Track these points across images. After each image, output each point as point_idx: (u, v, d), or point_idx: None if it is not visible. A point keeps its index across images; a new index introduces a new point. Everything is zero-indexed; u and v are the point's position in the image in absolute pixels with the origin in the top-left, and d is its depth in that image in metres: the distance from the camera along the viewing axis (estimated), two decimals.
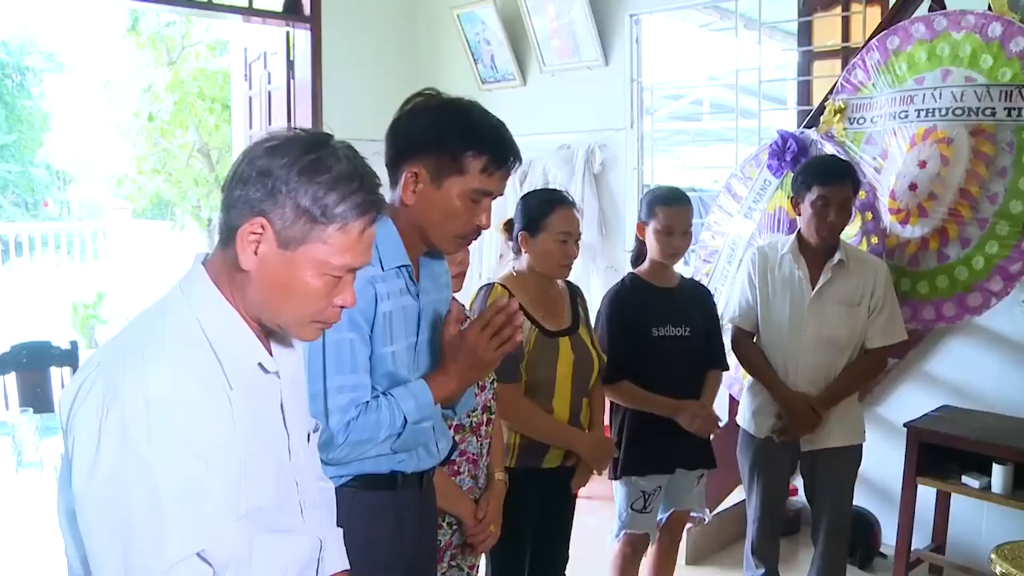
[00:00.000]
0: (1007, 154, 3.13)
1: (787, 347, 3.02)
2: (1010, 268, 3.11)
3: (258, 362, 1.34)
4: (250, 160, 1.28)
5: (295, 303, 1.30)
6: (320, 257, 1.28)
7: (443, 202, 1.77)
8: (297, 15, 5.45)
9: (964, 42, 3.23)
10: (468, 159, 1.75)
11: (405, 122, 1.82)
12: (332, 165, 1.27)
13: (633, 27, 4.98)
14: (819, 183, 2.90)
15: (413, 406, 1.76)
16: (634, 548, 3.05)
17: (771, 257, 3.05)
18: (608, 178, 5.11)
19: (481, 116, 1.80)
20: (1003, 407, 3.68)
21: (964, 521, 3.86)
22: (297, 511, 1.42)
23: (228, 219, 1.29)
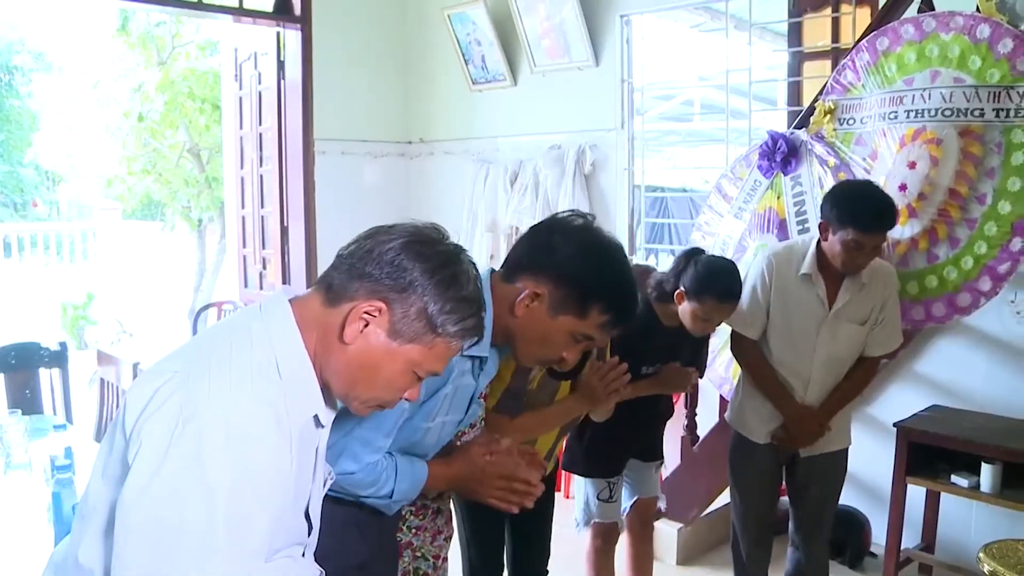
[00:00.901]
0: (995, 155, 3.14)
1: (799, 364, 2.96)
2: (999, 268, 3.12)
3: (315, 415, 1.37)
4: (393, 246, 1.34)
5: (376, 388, 1.37)
6: (418, 359, 1.35)
7: (550, 331, 1.79)
8: (287, 15, 5.43)
9: (953, 43, 3.24)
10: (594, 310, 1.76)
11: (555, 240, 1.80)
12: (463, 284, 1.36)
13: (624, 28, 4.99)
14: (857, 228, 2.72)
15: (405, 488, 1.81)
16: (605, 540, 3.11)
17: (786, 268, 2.92)
18: (599, 179, 5.11)
19: (624, 272, 1.82)
20: (992, 407, 3.70)
21: (953, 520, 3.87)
22: (300, 551, 1.46)
23: (345, 286, 1.34)
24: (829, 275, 2.88)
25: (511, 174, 5.36)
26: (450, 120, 5.92)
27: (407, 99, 6.08)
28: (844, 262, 2.80)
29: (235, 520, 1.21)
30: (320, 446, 1.44)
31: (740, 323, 3.00)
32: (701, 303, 2.75)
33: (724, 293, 2.76)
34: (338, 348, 1.34)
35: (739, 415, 3.13)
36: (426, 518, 2.26)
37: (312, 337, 1.34)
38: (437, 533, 2.36)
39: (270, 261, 5.88)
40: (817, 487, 3.10)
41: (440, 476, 1.87)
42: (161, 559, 1.18)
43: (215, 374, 1.25)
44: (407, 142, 6.12)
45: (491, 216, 5.41)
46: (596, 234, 1.82)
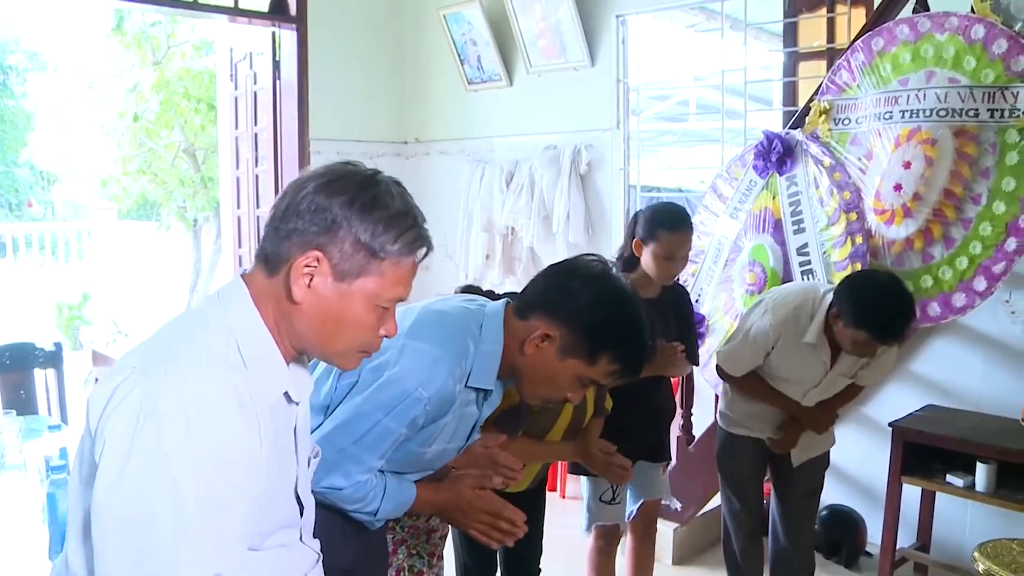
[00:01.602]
0: (990, 155, 3.15)
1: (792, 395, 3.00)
2: (993, 268, 3.13)
3: (285, 391, 1.35)
4: (304, 195, 1.31)
5: (347, 334, 1.34)
6: (374, 290, 1.32)
7: (556, 373, 1.79)
8: (283, 15, 5.43)
9: (948, 44, 3.25)
10: (604, 358, 1.77)
11: (574, 284, 1.80)
12: (388, 202, 1.31)
13: (619, 28, 4.99)
14: (874, 337, 2.65)
15: (391, 509, 1.81)
16: (607, 541, 3.09)
17: (792, 332, 2.86)
18: (594, 179, 5.12)
19: (637, 324, 1.80)
20: (987, 406, 3.70)
21: (948, 520, 3.88)
22: (296, 534, 1.44)
23: (278, 250, 1.31)
24: (834, 341, 2.82)
25: (507, 174, 5.36)
26: (446, 120, 5.92)
27: (403, 99, 6.08)
28: (852, 352, 2.79)
29: (207, 509, 1.19)
30: (299, 424, 1.42)
31: (733, 366, 2.99)
32: (657, 241, 2.82)
33: (674, 222, 2.84)
34: (295, 312, 1.32)
35: (729, 417, 3.14)
36: (420, 518, 2.26)
37: (269, 311, 1.33)
38: (432, 531, 2.36)
39: None
40: (802, 483, 3.14)
41: (427, 501, 1.88)
42: (139, 556, 1.17)
43: (173, 366, 1.23)
44: (403, 142, 6.12)
45: (487, 216, 5.41)
46: (614, 282, 1.81)
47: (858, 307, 2.65)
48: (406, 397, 1.70)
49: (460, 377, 1.75)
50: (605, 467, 2.57)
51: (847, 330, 2.68)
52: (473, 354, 1.77)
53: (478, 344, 1.78)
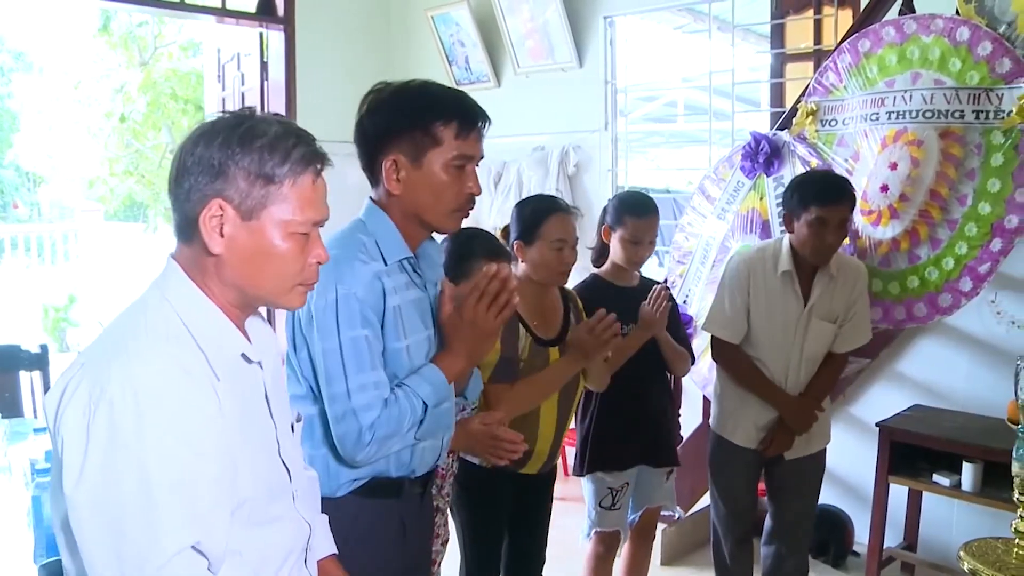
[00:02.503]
0: (976, 156, 3.16)
1: (780, 362, 2.98)
2: (979, 269, 3.14)
3: (241, 352, 1.35)
4: (186, 153, 1.31)
5: (273, 270, 1.33)
6: (283, 217, 1.31)
7: (429, 180, 1.78)
8: (270, 16, 5.42)
9: (933, 45, 3.26)
10: (439, 129, 1.76)
11: (367, 120, 1.83)
12: (265, 129, 1.31)
13: (607, 29, 5.00)
14: (817, 203, 2.80)
15: (430, 390, 1.78)
16: (607, 547, 3.08)
17: (762, 270, 2.95)
18: (582, 179, 5.12)
19: (438, 87, 1.83)
20: (973, 406, 3.72)
21: (935, 519, 3.89)
22: (289, 499, 1.43)
23: (184, 213, 1.32)
24: (802, 272, 2.93)
25: (495, 175, 5.36)
26: None
27: None
28: (813, 245, 2.84)
29: (172, 481, 1.19)
30: (269, 386, 1.42)
31: (720, 327, 3.01)
32: (624, 226, 2.89)
33: (639, 208, 2.91)
34: (220, 265, 1.32)
35: (721, 420, 3.13)
36: None
37: (201, 278, 1.33)
38: (435, 536, 2.36)
39: None
40: (799, 488, 3.12)
41: (449, 361, 1.83)
42: (116, 540, 1.18)
43: (114, 351, 1.24)
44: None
45: (474, 217, 5.40)
46: (387, 89, 1.83)
47: (798, 188, 2.89)
48: (336, 304, 1.70)
49: (370, 259, 1.75)
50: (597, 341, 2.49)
51: (801, 221, 2.83)
52: (369, 240, 1.78)
53: (368, 231, 1.80)
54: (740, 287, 2.96)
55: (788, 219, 2.91)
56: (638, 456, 3.02)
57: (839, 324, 2.97)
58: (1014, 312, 3.81)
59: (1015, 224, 3.06)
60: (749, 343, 3.00)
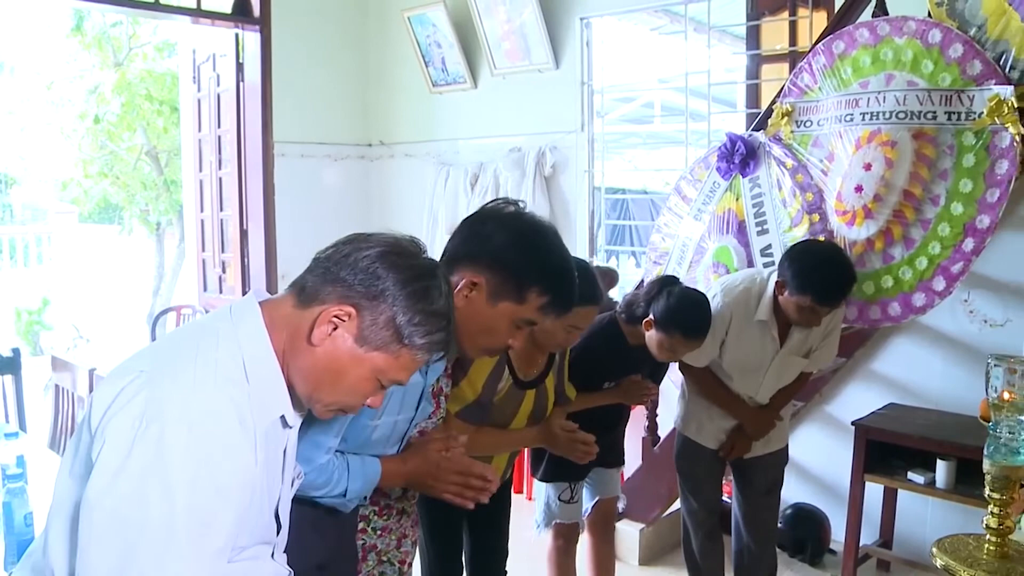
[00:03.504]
0: (948, 157, 3.19)
1: (748, 387, 3.06)
2: (952, 268, 3.16)
3: (282, 415, 1.37)
4: (365, 253, 1.35)
5: (340, 392, 1.38)
6: (383, 367, 1.37)
7: (490, 320, 1.80)
8: (246, 17, 5.40)
9: (906, 47, 3.29)
10: (531, 294, 1.78)
11: (488, 228, 1.82)
12: (435, 299, 1.37)
13: (583, 30, 5.01)
14: (816, 300, 2.77)
15: (360, 485, 1.81)
16: (566, 539, 3.13)
17: (743, 311, 2.97)
18: (559, 180, 5.13)
19: (559, 255, 1.83)
20: (947, 404, 3.76)
21: (910, 516, 3.93)
22: (268, 550, 1.46)
23: (318, 289, 1.35)
24: (782, 318, 2.94)
25: (471, 176, 5.36)
26: (410, 122, 5.91)
27: (367, 101, 6.06)
28: (797, 321, 2.89)
29: (196, 519, 1.21)
30: (288, 447, 1.45)
31: (691, 356, 2.99)
32: (669, 335, 2.76)
33: (693, 329, 2.77)
34: (306, 350, 1.35)
35: (687, 422, 3.19)
36: (391, 519, 2.25)
37: (281, 338, 1.35)
38: (403, 537, 2.35)
39: (229, 264, 5.83)
40: (763, 483, 3.19)
41: (395, 472, 1.87)
42: (124, 556, 1.19)
43: (180, 374, 1.26)
44: (367, 144, 6.10)
45: (451, 218, 5.41)
46: (528, 219, 1.84)
47: (800, 273, 2.79)
48: None
49: None
50: (569, 445, 2.54)
51: (792, 298, 2.81)
52: None
53: None
54: (720, 325, 2.95)
55: (780, 285, 2.87)
56: (591, 464, 2.98)
57: (810, 354, 3.05)
58: (987, 311, 3.85)
59: (987, 224, 3.09)
60: (720, 370, 3.07)
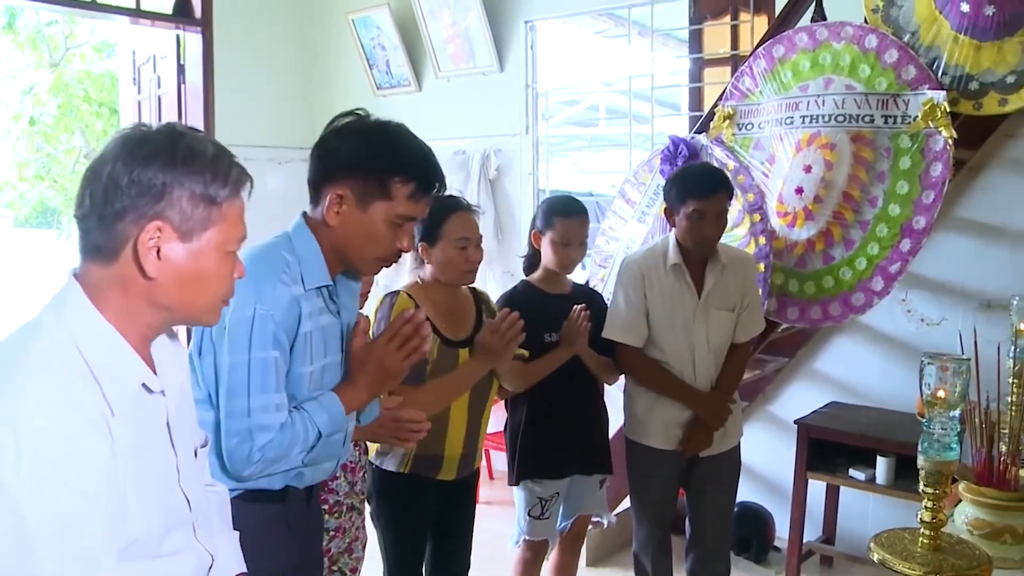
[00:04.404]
0: (885, 159, 3.26)
1: (684, 357, 2.97)
2: (890, 268, 3.23)
3: (142, 383, 1.29)
4: (117, 173, 1.24)
5: (210, 289, 1.32)
6: (221, 238, 1.30)
7: (367, 226, 1.78)
8: (187, 18, 5.32)
9: (844, 52, 3.35)
10: (395, 185, 1.76)
11: (333, 142, 1.81)
12: (204, 148, 1.29)
13: (528, 33, 5.03)
14: (694, 197, 2.83)
15: (326, 419, 1.77)
16: (535, 553, 3.07)
17: (653, 268, 2.96)
18: (504, 183, 5.14)
19: (410, 141, 1.82)
20: (887, 402, 3.83)
21: (852, 512, 4.00)
22: (189, 530, 1.38)
23: (111, 235, 1.25)
24: (692, 265, 2.95)
25: None
26: None
27: (311, 104, 6.01)
28: (694, 237, 2.86)
29: (52, 525, 1.13)
30: (172, 414, 1.36)
31: (620, 331, 2.98)
32: (553, 228, 2.86)
33: (567, 208, 2.89)
34: (152, 288, 1.27)
35: (637, 425, 3.08)
36: (342, 516, 2.25)
37: (114, 301, 1.27)
38: (355, 540, 2.34)
39: None
40: (717, 486, 3.11)
41: (350, 390, 1.83)
42: None
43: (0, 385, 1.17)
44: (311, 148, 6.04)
45: None
46: (368, 120, 1.84)
47: (676, 184, 2.93)
48: (252, 322, 1.69)
49: (291, 281, 1.74)
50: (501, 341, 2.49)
51: (680, 216, 2.87)
52: (294, 260, 1.77)
53: (294, 252, 1.79)
54: (635, 288, 2.96)
55: (669, 214, 2.94)
56: (571, 465, 2.99)
57: (737, 313, 2.99)
58: (924, 310, 3.94)
59: (923, 225, 3.17)
60: (653, 344, 2.98)
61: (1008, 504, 1.68)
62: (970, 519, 1.72)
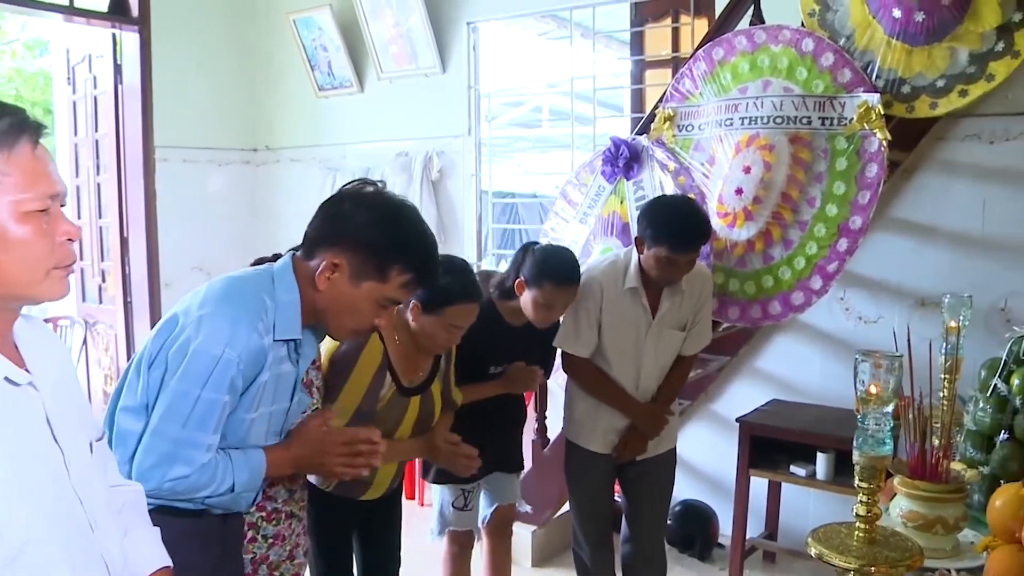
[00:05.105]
0: (823, 160, 3.31)
1: (630, 373, 3.00)
2: (828, 267, 3.28)
3: (4, 377, 1.19)
4: None
5: (18, 257, 1.16)
6: (11, 197, 1.14)
7: (354, 300, 1.78)
8: (124, 16, 5.22)
9: (782, 55, 3.40)
10: (393, 271, 1.77)
11: (347, 209, 1.80)
12: None
13: (470, 35, 5.02)
14: (669, 248, 2.77)
15: (246, 478, 1.77)
16: (460, 546, 3.11)
17: (612, 285, 2.95)
18: (446, 185, 5.13)
19: (420, 231, 1.83)
20: (827, 399, 3.89)
21: (793, 508, 4.05)
22: (86, 531, 1.28)
23: None
24: (650, 287, 2.94)
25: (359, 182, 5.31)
26: (296, 127, 5.82)
27: (252, 105, 5.94)
28: (659, 277, 2.87)
29: None
30: (48, 407, 1.25)
31: (571, 343, 2.99)
32: (541, 289, 2.77)
33: (562, 276, 2.79)
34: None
35: (576, 428, 3.11)
36: (280, 523, 2.21)
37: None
38: (296, 547, 2.31)
39: (110, 273, 5.64)
40: (652, 487, 3.15)
41: (280, 458, 1.84)
42: None
43: None
44: (252, 149, 5.98)
45: None
46: (387, 197, 1.84)
47: (654, 224, 2.82)
48: (217, 362, 1.67)
49: (264, 331, 1.73)
50: (451, 457, 2.55)
51: (650, 252, 2.82)
52: (272, 307, 1.76)
53: (274, 297, 1.77)
54: (592, 303, 2.95)
55: (639, 242, 2.89)
56: (491, 466, 2.98)
57: (687, 330, 3.03)
58: (862, 308, 4.01)
59: (859, 225, 3.22)
60: (600, 356, 3.01)
61: (940, 496, 1.71)
62: (904, 512, 1.76)
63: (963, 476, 1.77)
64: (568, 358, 3.03)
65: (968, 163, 3.77)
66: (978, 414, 1.96)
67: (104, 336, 5.73)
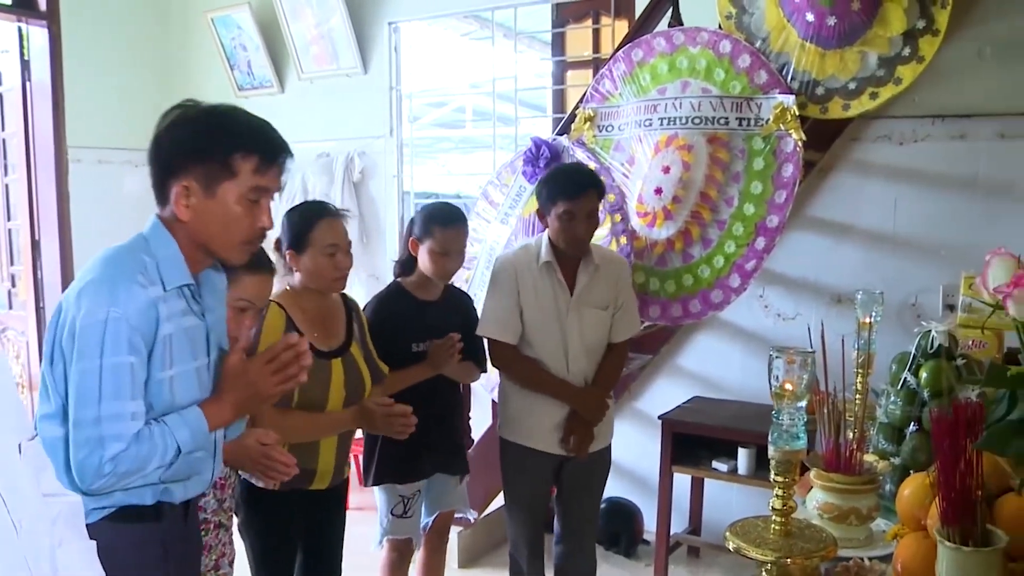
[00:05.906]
0: (740, 160, 3.37)
1: (559, 356, 2.97)
2: (746, 266, 3.33)
3: None
4: None
5: None
6: None
7: (220, 211, 1.71)
8: (31, 10, 5.04)
9: (700, 56, 3.45)
10: (238, 161, 1.70)
11: (165, 137, 1.74)
12: None
13: (392, 35, 5.00)
14: (563, 197, 2.85)
15: (188, 435, 1.69)
16: (400, 553, 3.05)
17: (526, 265, 2.96)
18: (368, 186, 5.10)
19: (244, 117, 1.77)
20: (747, 395, 3.96)
21: (716, 503, 4.12)
22: (8, 530, 1.23)
23: None
24: (565, 263, 2.96)
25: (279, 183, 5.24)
26: None
27: (170, 104, 5.78)
28: (565, 237, 2.89)
29: None
30: None
31: (494, 328, 2.98)
32: (432, 237, 2.85)
33: (448, 218, 2.89)
34: None
35: (511, 424, 3.07)
36: (209, 534, 2.18)
37: None
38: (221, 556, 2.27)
39: (20, 278, 5.45)
40: (587, 486, 3.14)
41: (217, 408, 1.76)
42: None
43: None
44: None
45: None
46: (197, 106, 1.78)
47: (546, 186, 2.94)
48: (105, 325, 1.61)
49: (148, 282, 1.67)
50: (385, 420, 2.52)
51: (552, 216, 2.90)
52: (151, 262, 1.70)
53: (152, 253, 1.72)
54: (508, 285, 2.95)
55: (541, 215, 2.97)
56: (431, 467, 2.99)
57: (611, 312, 3.02)
58: (780, 306, 4.09)
59: (776, 223, 3.29)
60: (526, 342, 2.98)
61: (853, 488, 1.75)
62: (820, 504, 1.79)
63: (875, 467, 1.82)
64: (496, 350, 3.00)
65: (880, 163, 3.87)
66: (889, 407, 2.00)
67: (15, 343, 5.54)
